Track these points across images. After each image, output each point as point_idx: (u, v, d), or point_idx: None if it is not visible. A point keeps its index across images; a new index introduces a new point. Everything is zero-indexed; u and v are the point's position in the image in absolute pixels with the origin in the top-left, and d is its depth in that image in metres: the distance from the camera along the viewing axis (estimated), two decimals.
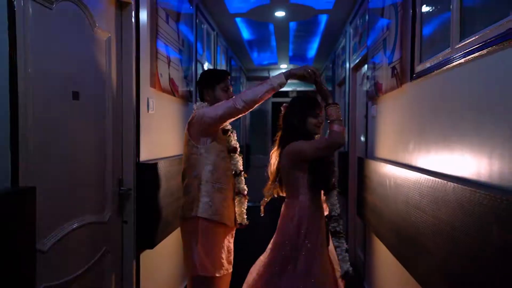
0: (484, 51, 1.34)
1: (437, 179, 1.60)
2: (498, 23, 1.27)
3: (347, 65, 4.44)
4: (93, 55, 1.87)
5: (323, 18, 4.56)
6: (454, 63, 1.57)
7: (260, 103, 2.09)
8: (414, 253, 1.86)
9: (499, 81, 1.28)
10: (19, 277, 1.15)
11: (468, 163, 1.46)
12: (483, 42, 1.34)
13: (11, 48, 1.21)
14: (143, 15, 2.30)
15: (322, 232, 2.09)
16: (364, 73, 3.64)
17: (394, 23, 2.45)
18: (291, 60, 7.09)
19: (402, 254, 2.09)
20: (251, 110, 2.12)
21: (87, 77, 1.82)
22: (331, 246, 2.15)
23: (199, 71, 3.74)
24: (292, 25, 4.93)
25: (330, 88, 6.09)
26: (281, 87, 2.08)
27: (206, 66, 4.10)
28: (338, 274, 2.08)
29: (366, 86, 3.36)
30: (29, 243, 1.20)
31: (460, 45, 1.55)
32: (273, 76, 2.10)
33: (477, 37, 1.41)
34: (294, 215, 2.06)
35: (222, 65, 5.15)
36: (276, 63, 7.37)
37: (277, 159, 2.19)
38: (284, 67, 7.67)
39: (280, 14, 4.34)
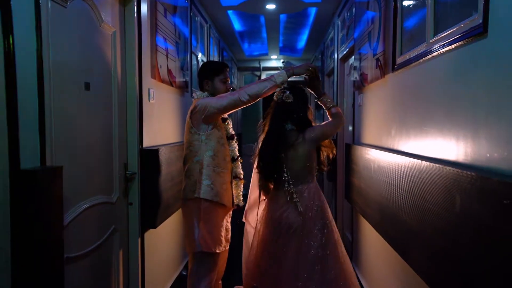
0: (453, 46, 1.53)
1: (413, 159, 1.80)
2: (464, 22, 1.46)
3: (336, 56, 4.62)
4: (100, 49, 2.02)
5: (312, 11, 4.72)
6: (429, 56, 1.76)
7: (262, 97, 2.29)
8: (395, 228, 2.07)
9: (465, 72, 1.47)
10: (52, 245, 1.32)
11: (440, 145, 1.66)
12: (452, 38, 1.53)
13: (38, 43, 1.36)
14: (144, 10, 2.45)
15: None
16: (352, 64, 3.83)
17: (378, 17, 2.63)
18: (281, 51, 7.24)
19: (385, 230, 2.30)
20: (253, 103, 2.31)
21: (96, 69, 1.98)
22: None
23: (194, 62, 3.90)
24: (283, 17, 5.09)
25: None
26: (283, 84, 2.29)
27: (199, 56, 4.25)
28: None
29: (353, 76, 3.55)
30: (59, 215, 1.37)
31: (433, 40, 1.74)
32: (276, 74, 2.29)
33: (447, 33, 1.60)
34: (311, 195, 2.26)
35: (214, 56, 5.29)
36: (266, 54, 7.53)
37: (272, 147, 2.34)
38: (274, 57, 7.83)
39: (270, 6, 4.50)
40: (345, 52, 4.03)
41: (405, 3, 2.24)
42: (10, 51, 1.20)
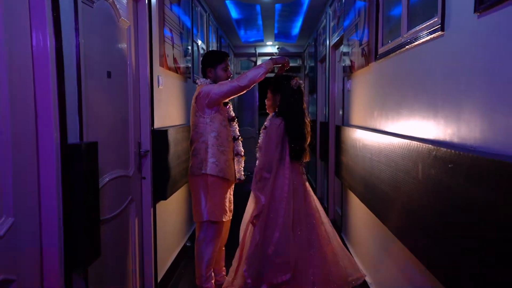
0: (420, 41, 1.83)
1: (389, 137, 2.12)
2: (428, 21, 1.76)
3: (327, 43, 4.90)
4: (118, 41, 2.30)
5: (305, 2, 4.97)
6: (403, 49, 2.06)
7: (257, 82, 2.61)
8: (376, 197, 2.40)
9: (428, 63, 1.77)
10: (91, 203, 1.64)
11: (410, 124, 1.98)
12: (420, 34, 1.83)
13: (76, 39, 1.65)
14: (153, 4, 2.72)
15: None
16: (342, 51, 4.12)
17: (364, 10, 2.92)
18: (276, 37, 7.49)
19: (368, 199, 2.63)
20: (249, 88, 2.63)
21: (115, 59, 2.26)
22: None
23: (195, 50, 4.17)
24: (277, 5, 5.33)
25: (312, 64, 6.57)
26: (271, 70, 2.66)
27: (199, 44, 4.52)
28: None
29: (344, 62, 3.84)
30: (96, 181, 1.68)
31: (407, 34, 2.04)
32: (264, 62, 2.65)
33: (416, 29, 1.90)
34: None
35: (213, 43, 5.55)
36: (262, 40, 7.76)
37: None
38: (269, 44, 8.07)
39: None
40: (336, 40, 4.31)
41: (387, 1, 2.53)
42: (60, 47, 1.48)
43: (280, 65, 2.75)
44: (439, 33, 1.62)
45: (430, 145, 1.58)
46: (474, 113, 1.35)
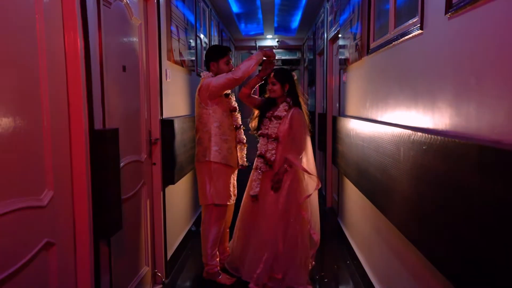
0: (402, 39, 2.05)
1: (378, 125, 2.35)
2: (410, 21, 1.97)
3: (325, 36, 5.11)
4: (132, 38, 2.52)
5: None
6: (390, 45, 2.28)
7: (250, 73, 2.86)
8: (367, 180, 2.64)
9: (410, 58, 2.00)
10: (114, 181, 1.87)
11: (396, 113, 2.21)
12: (404, 31, 2.05)
13: (99, 36, 1.87)
14: (162, 3, 2.93)
15: None
16: (338, 45, 4.33)
17: (357, 7, 3.13)
18: (276, 30, 7.68)
19: (360, 183, 2.87)
20: (244, 79, 2.87)
21: (129, 54, 2.48)
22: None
23: (198, 44, 4.38)
24: (277, 0, 5.53)
25: (311, 57, 6.77)
26: (261, 61, 2.93)
27: (202, 38, 4.73)
28: None
29: (340, 56, 4.05)
30: (117, 163, 1.91)
31: (393, 32, 2.26)
32: (255, 54, 2.93)
33: (401, 27, 2.12)
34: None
35: (214, 36, 5.75)
36: (262, 33, 7.96)
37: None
38: (269, 37, 8.27)
39: None
40: (333, 34, 4.52)
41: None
42: (87, 45, 1.71)
43: (270, 57, 2.99)
44: (419, 31, 1.84)
45: (409, 131, 1.81)
46: (445, 102, 1.58)
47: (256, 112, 3.11)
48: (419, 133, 1.67)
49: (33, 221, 1.45)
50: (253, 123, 3.09)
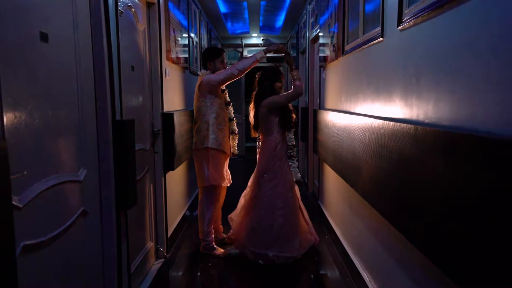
0: (369, 44, 2.48)
1: (349, 115, 2.79)
2: (374, 30, 2.40)
3: (307, 36, 5.53)
4: (138, 41, 2.89)
5: None
6: (359, 48, 2.71)
7: (248, 70, 3.23)
8: (341, 162, 3.07)
9: (374, 61, 2.42)
10: (131, 163, 2.26)
11: (365, 105, 2.64)
12: (369, 39, 2.48)
13: (117, 38, 2.24)
14: (161, 9, 3.30)
15: (285, 156, 3.31)
16: (319, 45, 4.76)
17: (334, 13, 3.55)
18: (261, 29, 8.08)
19: (336, 165, 3.30)
20: (242, 75, 3.26)
21: (136, 56, 2.85)
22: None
23: (190, 43, 4.75)
24: (263, 2, 5.92)
25: (294, 55, 7.19)
26: (262, 59, 3.28)
27: (193, 36, 5.09)
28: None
29: (321, 53, 4.48)
30: (133, 148, 2.30)
31: (362, 37, 2.69)
32: (256, 52, 3.28)
33: (367, 34, 2.55)
34: (271, 145, 3.26)
35: (204, 35, 6.12)
36: (248, 32, 8.35)
37: (254, 110, 3.36)
38: (255, 35, 8.65)
39: None
40: (314, 35, 4.94)
41: (351, 7, 3.17)
42: (110, 47, 2.08)
43: (275, 51, 3.37)
44: (380, 39, 2.27)
45: (372, 119, 2.24)
46: (398, 96, 2.01)
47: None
48: (379, 120, 2.11)
49: (74, 192, 1.83)
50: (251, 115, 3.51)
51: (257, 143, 3.52)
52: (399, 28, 1.97)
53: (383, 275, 2.38)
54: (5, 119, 1.27)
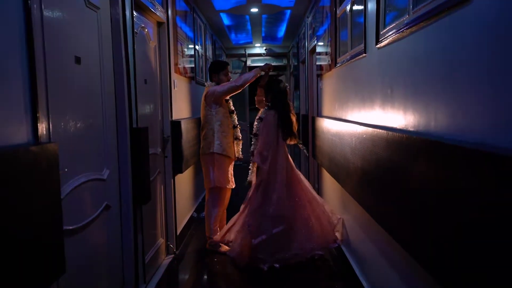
0: (356, 58, 2.79)
1: (342, 122, 3.09)
2: (359, 46, 2.71)
3: (307, 47, 5.85)
4: (150, 57, 3.22)
5: (288, 12, 5.92)
6: (348, 62, 3.02)
7: (249, 83, 3.57)
8: (334, 165, 3.37)
9: (360, 73, 2.73)
10: (146, 167, 2.57)
11: (355, 113, 2.94)
12: (355, 53, 2.79)
13: (133, 57, 2.57)
14: (170, 27, 3.64)
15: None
16: (316, 57, 5.07)
17: (328, 28, 3.87)
18: (264, 39, 8.42)
19: (330, 169, 3.60)
20: (243, 87, 3.59)
21: (148, 70, 3.18)
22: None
23: (196, 55, 5.09)
24: (264, 15, 6.27)
25: (295, 63, 7.52)
26: (260, 75, 3.64)
27: (198, 48, 5.44)
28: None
29: (318, 62, 4.78)
30: (147, 152, 2.62)
31: (350, 52, 3.00)
32: (255, 69, 3.64)
33: (354, 49, 2.86)
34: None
35: (208, 46, 6.47)
36: (251, 42, 8.70)
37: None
38: (258, 45, 9.00)
39: (254, 10, 5.68)
40: (312, 46, 5.26)
41: (341, 23, 3.49)
42: (128, 64, 2.41)
43: (266, 70, 3.70)
44: (363, 55, 2.59)
45: (357, 125, 2.54)
46: (377, 105, 2.31)
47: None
48: (362, 127, 2.41)
49: (99, 189, 2.15)
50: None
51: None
52: (377, 46, 2.28)
53: (368, 265, 2.68)
54: (50, 126, 1.60)
